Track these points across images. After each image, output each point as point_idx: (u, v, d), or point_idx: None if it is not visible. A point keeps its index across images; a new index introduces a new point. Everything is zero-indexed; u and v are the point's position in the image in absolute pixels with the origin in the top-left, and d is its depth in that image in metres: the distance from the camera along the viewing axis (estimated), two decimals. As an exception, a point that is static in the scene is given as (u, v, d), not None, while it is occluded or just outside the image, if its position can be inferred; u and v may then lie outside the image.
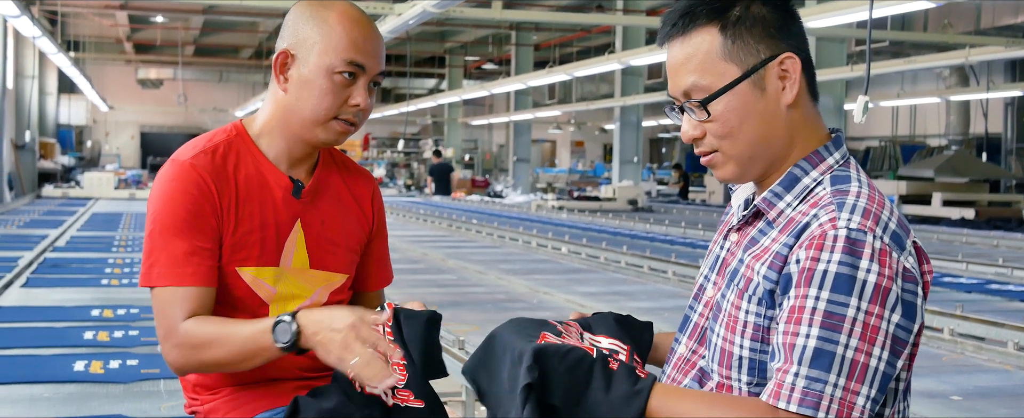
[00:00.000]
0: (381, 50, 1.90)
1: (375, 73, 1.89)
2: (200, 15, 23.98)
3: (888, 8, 10.28)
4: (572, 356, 1.43)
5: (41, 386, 4.68)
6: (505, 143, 36.32)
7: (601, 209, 21.14)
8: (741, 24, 1.47)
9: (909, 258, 1.39)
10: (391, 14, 12.60)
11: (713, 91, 1.47)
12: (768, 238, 1.48)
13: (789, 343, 1.35)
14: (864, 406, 1.32)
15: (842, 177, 1.47)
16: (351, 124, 1.90)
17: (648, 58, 15.58)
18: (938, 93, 20.76)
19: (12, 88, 21.79)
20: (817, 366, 1.32)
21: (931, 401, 4.82)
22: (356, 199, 2.04)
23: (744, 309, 1.48)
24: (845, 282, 1.34)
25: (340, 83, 1.85)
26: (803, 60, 1.49)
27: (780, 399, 1.34)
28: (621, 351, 1.59)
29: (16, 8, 12.58)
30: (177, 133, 35.99)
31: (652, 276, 9.53)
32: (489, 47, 30.22)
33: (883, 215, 1.40)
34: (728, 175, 1.52)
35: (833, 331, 1.33)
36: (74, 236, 12.73)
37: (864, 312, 1.33)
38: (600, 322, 1.69)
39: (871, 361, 1.33)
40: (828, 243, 1.36)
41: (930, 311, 6.53)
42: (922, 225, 17.13)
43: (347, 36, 1.85)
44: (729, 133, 1.48)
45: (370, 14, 8.59)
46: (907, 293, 1.37)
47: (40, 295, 7.44)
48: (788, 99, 1.48)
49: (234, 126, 1.95)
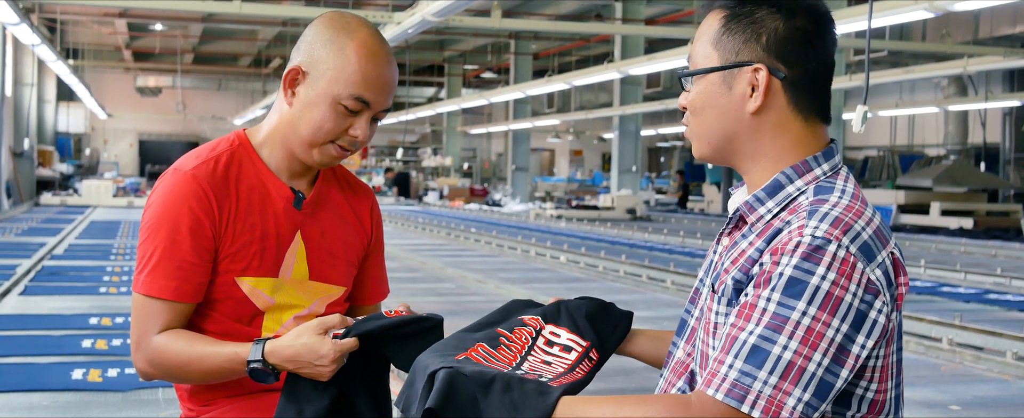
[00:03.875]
0: (392, 87, 1.88)
1: (380, 109, 1.88)
2: (199, 23, 24.00)
3: (887, 18, 10.31)
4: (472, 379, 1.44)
5: (39, 394, 4.67)
6: (504, 152, 36.36)
7: (599, 218, 21.15)
8: (738, 21, 1.51)
9: (876, 270, 1.38)
10: (390, 23, 12.63)
11: (691, 69, 1.55)
12: (746, 242, 1.51)
13: (732, 336, 1.38)
14: (795, 408, 1.33)
15: (826, 188, 1.48)
16: (346, 150, 1.90)
17: (647, 67, 15.61)
18: (936, 103, 20.80)
19: (11, 96, 21.80)
20: (751, 362, 1.34)
21: (930, 411, 4.82)
22: (356, 213, 2.04)
23: (714, 310, 1.52)
24: (797, 286, 1.35)
25: (343, 113, 1.85)
26: (792, 80, 1.51)
27: (710, 386, 1.36)
28: (575, 348, 1.64)
29: (15, 15, 12.59)
30: (175, 141, 36.02)
31: (651, 285, 9.53)
32: (488, 56, 30.25)
33: (856, 225, 1.40)
34: (696, 152, 1.59)
35: (775, 331, 1.34)
36: (72, 244, 12.72)
37: (811, 317, 1.34)
38: (575, 311, 1.72)
39: (809, 365, 1.33)
40: (789, 248, 1.38)
41: (928, 321, 6.54)
42: (920, 235, 17.14)
43: (360, 71, 1.82)
44: (695, 112, 1.56)
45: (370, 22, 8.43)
46: (863, 304, 1.37)
47: (38, 303, 7.44)
48: (751, 107, 1.51)
49: (236, 136, 1.94)
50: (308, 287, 1.94)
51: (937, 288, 9.45)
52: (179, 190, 1.82)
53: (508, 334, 1.66)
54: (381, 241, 2.12)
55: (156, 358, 1.79)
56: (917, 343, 6.32)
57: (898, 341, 1.46)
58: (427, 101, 33.91)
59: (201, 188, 1.83)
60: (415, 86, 34.25)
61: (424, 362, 1.52)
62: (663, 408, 1.38)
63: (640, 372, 4.53)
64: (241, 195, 1.87)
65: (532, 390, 1.44)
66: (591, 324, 1.70)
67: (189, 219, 1.81)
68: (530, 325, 1.69)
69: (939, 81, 21.94)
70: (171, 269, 1.79)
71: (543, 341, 1.67)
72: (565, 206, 23.34)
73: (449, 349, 1.59)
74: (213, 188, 1.84)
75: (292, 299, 1.92)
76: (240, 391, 1.90)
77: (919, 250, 14.11)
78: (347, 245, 2.00)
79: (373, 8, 18.36)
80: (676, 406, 1.38)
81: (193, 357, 1.77)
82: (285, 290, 1.92)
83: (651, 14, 22.04)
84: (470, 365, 1.51)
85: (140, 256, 1.83)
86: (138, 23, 24.90)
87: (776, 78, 1.50)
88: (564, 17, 22.24)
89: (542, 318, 1.71)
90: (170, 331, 1.80)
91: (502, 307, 1.77)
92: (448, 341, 1.64)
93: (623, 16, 21.08)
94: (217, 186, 1.85)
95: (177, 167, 1.87)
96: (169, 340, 1.79)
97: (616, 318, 1.75)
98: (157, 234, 1.81)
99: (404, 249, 13.20)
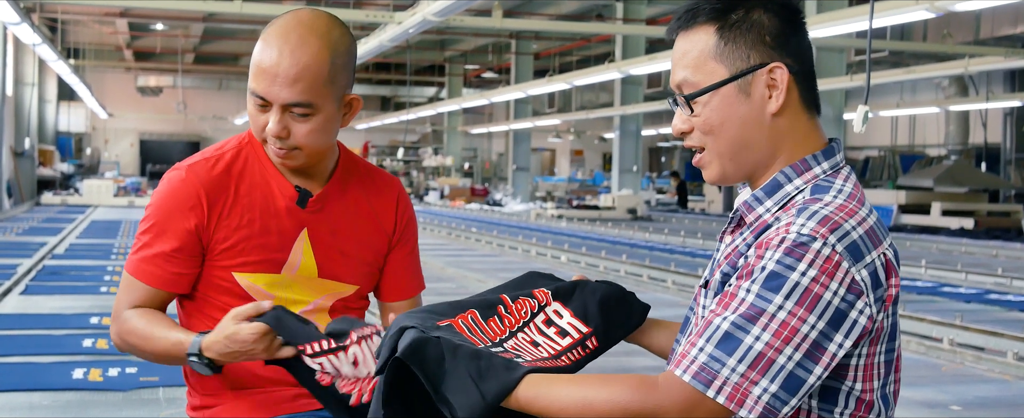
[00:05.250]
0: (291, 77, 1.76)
1: (283, 103, 1.79)
2: (200, 23, 24.01)
3: (888, 18, 10.31)
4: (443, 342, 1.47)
5: (40, 394, 4.67)
6: (504, 152, 36.36)
7: (600, 218, 21.14)
8: (737, 28, 1.50)
9: (863, 271, 1.38)
10: (391, 22, 12.63)
11: (699, 88, 1.51)
12: (740, 238, 1.52)
13: (707, 320, 1.40)
14: (760, 397, 1.34)
15: (824, 187, 1.48)
16: (281, 150, 1.84)
17: (648, 67, 15.60)
18: (937, 103, 20.79)
19: (12, 95, 21.80)
20: (722, 348, 1.35)
21: (931, 411, 4.82)
22: (374, 209, 2.02)
23: (703, 305, 1.55)
24: (777, 280, 1.36)
25: (258, 106, 1.83)
26: (799, 72, 1.51)
27: (678, 368, 1.38)
28: (572, 333, 1.63)
29: (16, 15, 12.59)
30: (176, 141, 36.02)
31: (651, 285, 9.53)
32: (489, 56, 30.26)
33: (847, 224, 1.40)
34: (713, 176, 1.56)
35: (749, 321, 1.36)
36: (73, 243, 12.73)
37: (787, 311, 1.35)
38: (590, 294, 1.70)
39: (779, 358, 1.34)
40: (775, 243, 1.39)
41: (929, 321, 6.53)
42: (921, 235, 17.14)
43: (256, 61, 1.79)
44: (711, 131, 1.52)
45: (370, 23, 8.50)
46: (844, 304, 1.37)
47: (39, 302, 7.44)
48: (773, 108, 1.49)
49: (248, 135, 1.95)
50: (316, 284, 1.96)
51: (938, 288, 9.44)
52: (171, 186, 1.90)
53: (509, 304, 1.65)
54: (410, 234, 2.08)
55: (122, 329, 1.89)
56: (918, 343, 6.32)
57: (890, 341, 1.46)
58: (428, 101, 33.91)
59: (192, 186, 1.88)
60: (416, 86, 34.25)
61: (401, 321, 1.53)
62: (627, 388, 1.40)
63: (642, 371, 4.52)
64: (240, 193, 1.90)
65: (500, 364, 1.45)
66: (602, 310, 1.68)
67: (177, 213, 1.88)
68: (536, 297, 1.67)
69: (940, 81, 21.94)
70: (150, 256, 1.89)
71: (543, 318, 1.65)
72: (566, 206, 23.34)
73: (436, 314, 1.59)
74: (206, 186, 1.88)
75: (296, 295, 1.94)
76: (246, 386, 1.92)
77: (920, 250, 14.11)
78: (362, 244, 2.00)
79: (374, 8, 18.35)
80: (641, 386, 1.39)
81: (146, 336, 1.86)
82: (289, 286, 1.93)
83: (652, 14, 22.03)
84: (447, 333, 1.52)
85: (135, 240, 1.94)
86: (139, 23, 24.90)
87: (790, 73, 1.50)
88: (565, 17, 22.24)
89: (553, 294, 1.69)
90: (140, 309, 1.89)
91: (518, 278, 1.76)
92: (439, 306, 1.64)
93: (624, 16, 21.08)
94: (211, 184, 1.88)
95: (178, 164, 1.94)
96: (134, 316, 1.88)
97: (631, 308, 1.72)
98: (146, 224, 1.91)
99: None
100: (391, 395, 1.49)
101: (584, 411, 1.40)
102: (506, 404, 1.43)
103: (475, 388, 1.41)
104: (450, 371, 1.43)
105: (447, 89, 32.27)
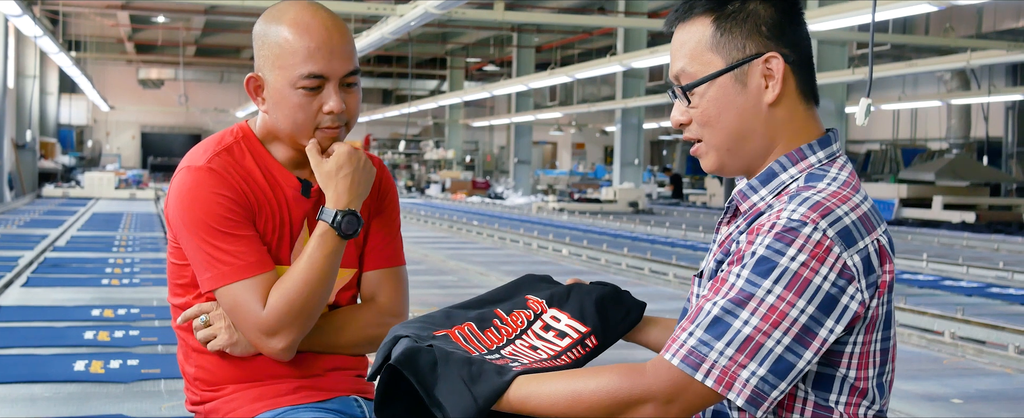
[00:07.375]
0: (341, 50, 1.81)
1: (342, 75, 1.82)
2: (202, 15, 24.01)
3: (890, 11, 10.29)
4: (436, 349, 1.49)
5: (41, 386, 4.67)
6: (506, 145, 36.35)
7: (602, 211, 21.14)
8: (733, 18, 1.50)
9: (855, 256, 1.39)
10: (393, 15, 12.62)
11: (696, 79, 1.52)
12: (734, 227, 1.54)
13: (698, 306, 1.41)
14: (749, 380, 1.34)
15: (818, 175, 1.49)
16: (335, 128, 1.86)
17: (649, 60, 15.59)
18: (939, 97, 20.77)
19: (13, 88, 21.81)
20: (710, 332, 1.37)
21: (932, 404, 4.82)
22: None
23: (696, 293, 1.57)
24: (766, 265, 1.37)
25: (307, 96, 1.82)
26: (796, 62, 1.51)
27: (668, 352, 1.39)
28: (570, 334, 1.64)
29: (17, 7, 12.59)
30: (178, 133, 36.05)
31: (653, 278, 9.53)
32: (490, 49, 30.25)
33: (838, 210, 1.40)
34: (710, 165, 1.57)
35: (738, 306, 1.36)
36: (74, 236, 12.73)
37: (776, 296, 1.36)
38: (585, 295, 1.70)
39: (767, 342, 1.35)
40: (766, 228, 1.40)
41: (930, 315, 6.53)
42: (922, 229, 17.13)
43: (301, 48, 1.79)
44: (708, 122, 1.52)
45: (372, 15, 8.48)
46: (835, 289, 1.37)
47: (40, 295, 7.44)
48: (769, 98, 1.50)
49: (239, 128, 1.94)
50: None
51: (939, 282, 9.44)
52: (206, 182, 1.82)
53: (504, 316, 1.65)
54: (389, 207, 2.06)
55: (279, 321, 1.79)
56: (919, 337, 6.32)
57: (885, 329, 1.46)
58: (429, 94, 33.91)
59: (224, 176, 1.83)
60: (417, 79, 34.24)
61: (397, 330, 1.55)
62: (616, 375, 1.41)
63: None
64: (259, 184, 1.88)
65: (492, 368, 1.47)
66: (598, 310, 1.69)
67: (227, 203, 1.82)
68: (531, 308, 1.68)
69: (942, 75, 21.91)
70: (241, 251, 1.80)
71: (540, 325, 1.66)
72: (567, 199, 23.33)
73: (431, 324, 1.60)
74: (234, 176, 1.85)
75: None
76: (247, 378, 1.91)
77: (921, 244, 14.10)
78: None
79: (375, 0, 18.33)
80: (629, 373, 1.40)
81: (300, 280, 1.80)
82: None
83: (654, 7, 22.03)
84: (442, 342, 1.53)
85: (204, 258, 1.81)
86: (140, 15, 24.91)
87: (787, 63, 1.50)
88: (567, 10, 22.23)
89: (547, 301, 1.70)
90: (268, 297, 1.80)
91: (514, 281, 1.77)
92: (435, 315, 1.64)
93: (626, 9, 21.07)
94: (237, 174, 1.86)
95: (190, 164, 1.86)
96: (273, 297, 1.80)
97: (628, 307, 1.73)
98: (207, 228, 1.80)
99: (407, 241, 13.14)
100: (386, 400, 1.52)
101: (575, 403, 1.41)
102: (499, 407, 1.44)
103: (467, 391, 1.43)
104: (443, 376, 1.44)
105: (449, 82, 32.26)
